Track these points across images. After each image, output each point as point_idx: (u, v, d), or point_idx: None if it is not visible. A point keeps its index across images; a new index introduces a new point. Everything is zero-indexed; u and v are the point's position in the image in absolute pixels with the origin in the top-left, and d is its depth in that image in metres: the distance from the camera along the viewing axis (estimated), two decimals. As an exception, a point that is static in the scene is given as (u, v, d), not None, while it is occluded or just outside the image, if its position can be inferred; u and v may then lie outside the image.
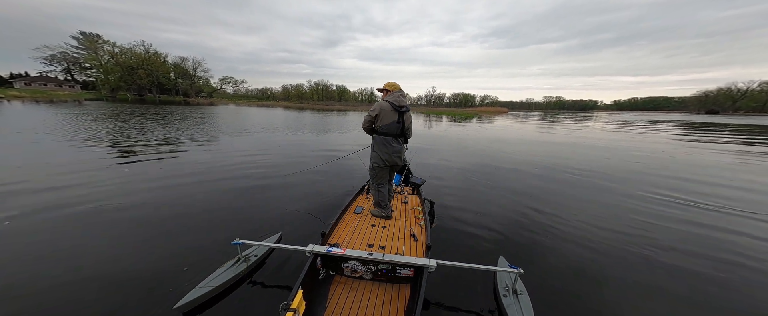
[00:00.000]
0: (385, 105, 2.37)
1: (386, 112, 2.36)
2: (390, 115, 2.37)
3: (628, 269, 2.33)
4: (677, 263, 2.42)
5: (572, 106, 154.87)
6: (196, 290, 1.78)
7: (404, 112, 2.41)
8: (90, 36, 52.78)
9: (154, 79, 55.68)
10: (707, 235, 2.97)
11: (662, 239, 2.85)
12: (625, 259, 2.48)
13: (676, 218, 3.38)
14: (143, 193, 3.66)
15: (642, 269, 2.32)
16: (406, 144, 2.62)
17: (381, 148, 2.45)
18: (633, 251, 2.61)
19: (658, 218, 3.36)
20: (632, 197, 4.13)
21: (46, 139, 6.91)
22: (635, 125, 21.92)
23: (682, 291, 2.07)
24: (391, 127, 2.38)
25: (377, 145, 2.47)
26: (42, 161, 4.98)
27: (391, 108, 2.37)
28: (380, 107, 2.37)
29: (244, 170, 4.97)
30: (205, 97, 69.64)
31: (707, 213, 3.57)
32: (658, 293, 2.06)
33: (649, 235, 2.93)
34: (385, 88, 2.51)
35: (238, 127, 12.24)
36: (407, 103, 2.45)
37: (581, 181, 4.97)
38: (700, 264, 2.41)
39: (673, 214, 3.53)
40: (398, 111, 2.38)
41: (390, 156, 2.46)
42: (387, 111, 2.36)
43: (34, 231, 2.61)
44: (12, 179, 3.94)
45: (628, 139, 11.79)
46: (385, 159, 2.48)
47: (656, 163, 6.77)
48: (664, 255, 2.54)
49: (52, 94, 37.62)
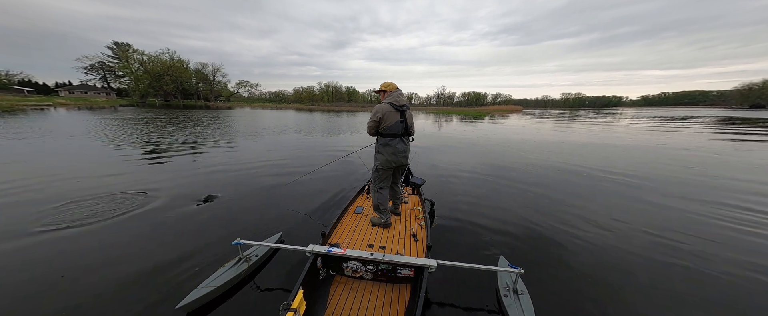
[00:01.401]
0: (386, 106, 2.37)
1: (389, 114, 2.36)
2: (392, 115, 2.37)
3: (632, 271, 2.30)
4: (687, 266, 2.38)
5: (594, 103, 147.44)
6: (197, 291, 1.81)
7: (405, 111, 2.43)
8: (122, 45, 57.32)
9: (179, 85, 59.37)
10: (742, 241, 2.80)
11: (674, 243, 2.77)
12: (632, 261, 2.44)
13: (694, 222, 3.21)
14: (155, 192, 3.87)
15: (653, 273, 2.29)
16: (411, 141, 2.63)
17: (387, 149, 2.43)
18: (643, 253, 2.56)
19: (671, 221, 3.26)
20: (643, 200, 3.96)
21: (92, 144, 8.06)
22: (665, 122, 20.60)
23: (698, 295, 2.04)
24: (396, 127, 2.39)
25: (383, 146, 2.45)
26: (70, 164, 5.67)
27: (392, 108, 2.37)
28: (382, 109, 2.37)
29: (250, 171, 5.20)
30: (224, 101, 73.37)
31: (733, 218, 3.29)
32: (662, 296, 2.03)
33: (663, 238, 2.86)
34: (381, 89, 2.50)
35: (254, 128, 12.99)
36: (406, 101, 2.46)
37: (590, 181, 4.93)
38: (718, 270, 2.32)
39: (686, 216, 3.40)
40: (399, 110, 2.39)
41: (396, 157, 2.45)
42: (389, 112, 2.36)
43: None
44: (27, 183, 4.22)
45: (656, 136, 11.16)
46: (391, 160, 2.45)
47: (685, 163, 6.44)
48: (674, 258, 2.49)
49: (92, 101, 41.66)
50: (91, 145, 7.51)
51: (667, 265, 2.42)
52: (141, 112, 23.47)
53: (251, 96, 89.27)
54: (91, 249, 2.48)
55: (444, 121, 22.20)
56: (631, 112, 46.93)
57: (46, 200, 3.56)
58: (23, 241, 2.59)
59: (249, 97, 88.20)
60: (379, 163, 2.50)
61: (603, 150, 8.20)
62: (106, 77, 62.51)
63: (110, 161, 5.80)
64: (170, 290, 1.95)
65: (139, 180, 4.50)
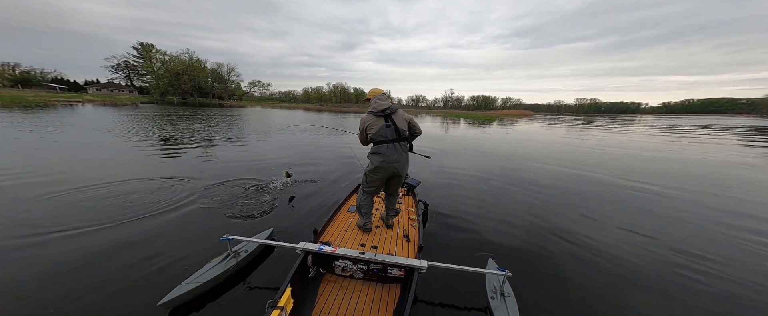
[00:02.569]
0: (367, 117, 2.33)
1: (371, 122, 2.29)
2: (375, 122, 2.28)
3: (617, 277, 2.32)
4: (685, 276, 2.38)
5: (610, 109, 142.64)
6: (181, 286, 1.75)
7: (390, 114, 2.30)
8: (146, 46, 60.53)
9: (196, 84, 62.03)
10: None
11: (667, 249, 2.79)
12: (616, 267, 2.48)
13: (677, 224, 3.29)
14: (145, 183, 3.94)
15: (648, 281, 2.30)
16: (410, 144, 2.45)
17: (375, 157, 2.32)
18: (630, 260, 2.59)
19: (675, 232, 3.23)
20: (654, 212, 3.83)
21: (107, 137, 8.87)
22: (691, 130, 19.62)
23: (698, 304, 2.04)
24: (383, 133, 2.26)
25: (372, 154, 2.35)
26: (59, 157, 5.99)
27: (374, 116, 2.30)
28: (364, 121, 2.33)
29: (248, 167, 5.30)
30: (236, 100, 75.97)
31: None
32: (647, 304, 2.05)
33: (660, 242, 2.90)
34: (367, 99, 2.44)
35: (263, 127, 13.44)
36: (390, 103, 2.33)
37: (586, 186, 4.94)
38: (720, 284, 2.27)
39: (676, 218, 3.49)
40: (382, 115, 2.28)
41: (387, 164, 2.28)
42: (371, 121, 2.29)
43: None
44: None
45: (683, 146, 10.65)
46: (380, 167, 2.30)
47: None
48: (675, 270, 2.48)
49: (116, 98, 44.24)
50: (105, 140, 8.14)
51: (663, 275, 2.41)
52: (160, 109, 24.88)
53: (262, 95, 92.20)
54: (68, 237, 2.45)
55: (451, 124, 22.28)
56: (651, 119, 45.65)
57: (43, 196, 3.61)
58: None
59: (260, 96, 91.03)
60: (368, 168, 2.42)
61: (621, 159, 7.77)
62: (130, 76, 66.13)
63: (129, 155, 6.22)
64: (153, 286, 1.90)
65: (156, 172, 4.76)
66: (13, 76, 59.37)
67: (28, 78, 60.91)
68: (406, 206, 3.11)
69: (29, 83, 58.87)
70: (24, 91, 41.12)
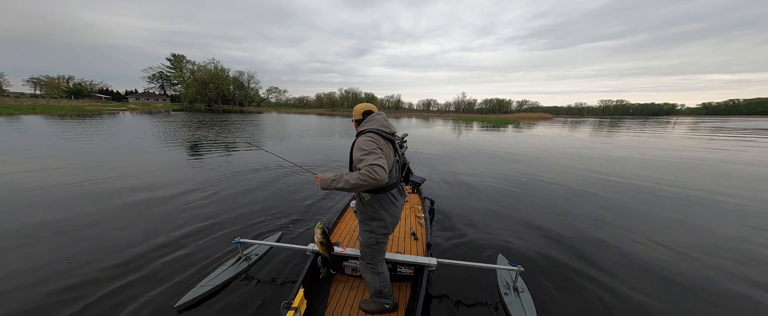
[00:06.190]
0: (376, 138, 1.41)
1: (387, 151, 1.45)
2: (388, 150, 1.47)
3: (632, 269, 2.32)
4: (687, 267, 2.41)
5: (640, 111, 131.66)
6: (196, 289, 1.80)
7: (401, 144, 1.85)
8: (178, 57, 66.21)
9: (220, 92, 66.49)
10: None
11: (673, 247, 2.78)
12: (631, 260, 2.47)
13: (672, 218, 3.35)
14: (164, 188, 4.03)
15: (656, 274, 2.29)
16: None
17: (392, 209, 1.53)
18: (646, 257, 2.57)
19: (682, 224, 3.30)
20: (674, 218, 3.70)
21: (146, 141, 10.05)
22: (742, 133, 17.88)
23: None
24: (395, 171, 1.55)
25: (386, 205, 1.51)
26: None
27: (382, 139, 1.45)
28: (376, 143, 1.38)
29: (260, 172, 5.39)
30: (255, 106, 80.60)
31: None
32: (662, 295, 2.03)
33: (663, 242, 2.89)
34: (356, 119, 1.61)
35: (279, 132, 14.22)
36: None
37: (593, 190, 4.85)
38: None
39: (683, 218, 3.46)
40: (391, 139, 1.51)
41: (397, 218, 1.58)
42: (384, 147, 1.44)
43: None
44: None
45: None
46: (391, 222, 1.55)
47: None
48: (674, 263, 2.52)
49: (152, 106, 49.32)
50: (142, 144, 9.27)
51: (677, 269, 2.39)
52: (190, 115, 27.30)
53: (278, 101, 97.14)
54: (94, 238, 2.59)
55: (464, 128, 22.27)
56: (690, 122, 40.73)
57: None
58: None
59: (276, 102, 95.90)
60: (374, 229, 1.55)
61: (643, 163, 7.36)
62: (164, 85, 72.57)
63: (158, 159, 6.87)
64: (169, 288, 1.92)
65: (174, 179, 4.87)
66: (67, 87, 67.48)
67: (80, 89, 69.02)
68: (413, 204, 3.09)
69: (81, 94, 66.67)
70: (80, 101, 47.02)
